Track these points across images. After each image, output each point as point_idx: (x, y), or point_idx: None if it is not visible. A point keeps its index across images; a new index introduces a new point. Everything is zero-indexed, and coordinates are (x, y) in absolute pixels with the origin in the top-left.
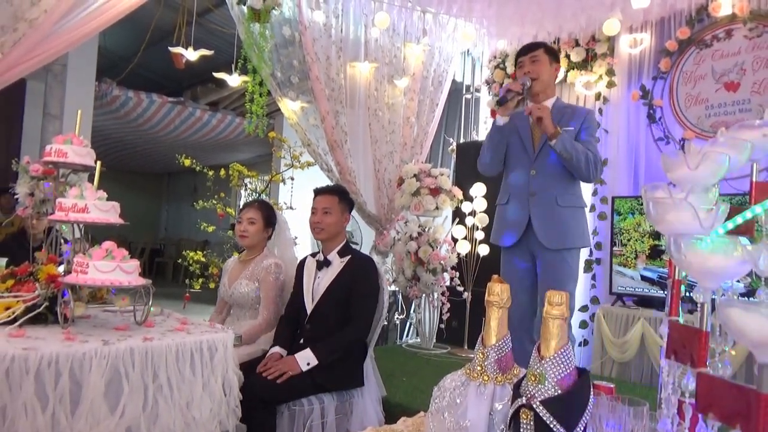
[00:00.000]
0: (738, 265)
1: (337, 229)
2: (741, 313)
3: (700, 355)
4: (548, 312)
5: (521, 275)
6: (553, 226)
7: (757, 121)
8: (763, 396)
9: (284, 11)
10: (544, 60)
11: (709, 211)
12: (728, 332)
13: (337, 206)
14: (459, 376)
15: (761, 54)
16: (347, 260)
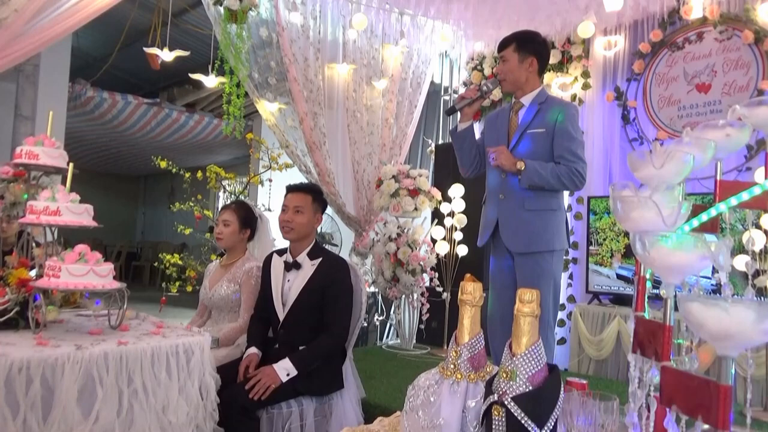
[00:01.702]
0: (699, 261)
1: (307, 230)
2: (701, 307)
3: (664, 349)
4: (519, 309)
5: (503, 274)
6: (518, 229)
7: (720, 121)
8: (722, 387)
9: (261, 12)
10: (512, 58)
11: (672, 209)
12: (689, 326)
13: (310, 205)
14: (433, 374)
15: (731, 56)
16: (319, 263)
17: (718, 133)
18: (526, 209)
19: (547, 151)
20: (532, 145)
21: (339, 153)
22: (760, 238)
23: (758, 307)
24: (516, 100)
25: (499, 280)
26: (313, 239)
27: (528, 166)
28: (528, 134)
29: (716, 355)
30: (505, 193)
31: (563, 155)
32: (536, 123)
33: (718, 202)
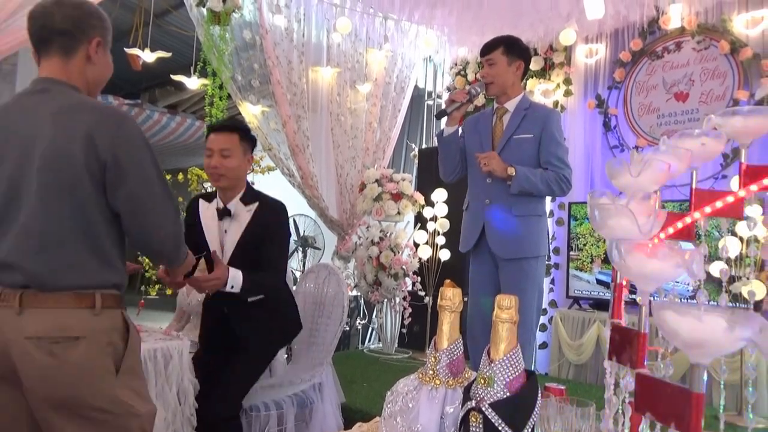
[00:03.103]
0: (673, 269)
1: (238, 174)
2: (674, 315)
3: (639, 356)
4: (498, 316)
5: (485, 280)
6: (506, 235)
7: (696, 130)
8: (694, 395)
9: (245, 14)
10: (501, 61)
11: (647, 217)
12: (663, 334)
13: (237, 146)
14: (412, 380)
15: (708, 66)
16: (255, 208)
17: (694, 142)
18: (513, 214)
19: (533, 157)
20: (518, 151)
21: (322, 156)
22: (735, 245)
23: (731, 315)
24: (499, 105)
25: (480, 286)
26: (244, 184)
27: (519, 172)
28: (514, 140)
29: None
30: (491, 198)
31: (550, 161)
32: (523, 129)
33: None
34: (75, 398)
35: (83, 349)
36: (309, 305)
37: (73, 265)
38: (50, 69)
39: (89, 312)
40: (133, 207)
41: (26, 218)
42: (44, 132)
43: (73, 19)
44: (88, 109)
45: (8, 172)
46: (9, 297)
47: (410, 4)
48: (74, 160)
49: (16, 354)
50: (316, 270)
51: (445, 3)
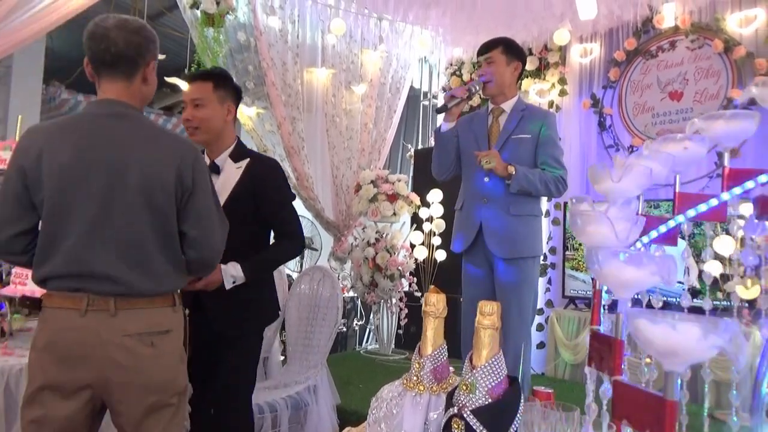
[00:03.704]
0: (648, 277)
1: (217, 126)
2: (647, 323)
3: (616, 364)
4: (479, 322)
5: (478, 282)
6: (504, 234)
7: (678, 134)
8: (668, 402)
9: (239, 16)
10: (500, 60)
11: (626, 224)
12: (637, 342)
13: (211, 95)
14: (396, 386)
15: (702, 65)
16: (246, 165)
17: (677, 146)
18: (511, 214)
19: (529, 157)
20: (516, 150)
21: (318, 158)
22: (730, 245)
23: (704, 323)
24: (495, 106)
25: (474, 287)
26: (233, 139)
27: (518, 171)
28: (512, 140)
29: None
30: (489, 197)
31: (547, 162)
32: (521, 129)
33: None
34: (168, 382)
35: (173, 339)
36: (304, 307)
37: (160, 274)
38: (116, 91)
39: (171, 309)
40: (198, 219)
41: (121, 234)
42: (138, 157)
43: (136, 46)
44: (174, 140)
45: (100, 192)
46: (100, 302)
47: (404, 5)
48: (167, 184)
49: (116, 352)
50: (311, 272)
51: (438, 4)
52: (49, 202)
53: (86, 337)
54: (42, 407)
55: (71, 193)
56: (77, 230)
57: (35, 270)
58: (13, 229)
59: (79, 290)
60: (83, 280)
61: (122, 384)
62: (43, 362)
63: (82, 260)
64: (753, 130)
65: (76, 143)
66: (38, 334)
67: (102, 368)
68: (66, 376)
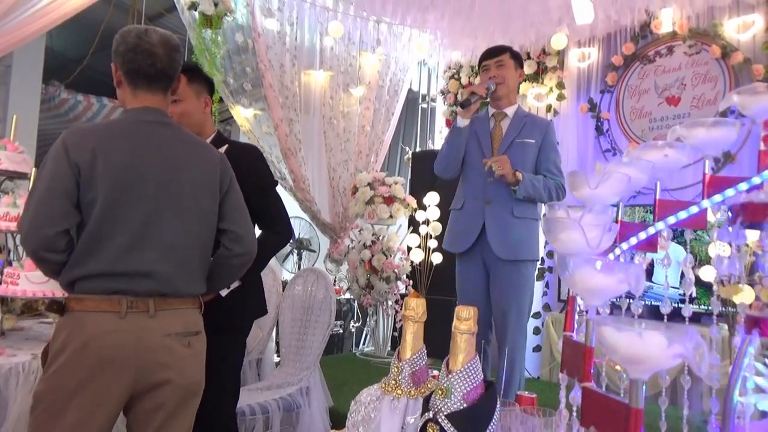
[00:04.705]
0: (617, 285)
1: (197, 119)
2: (613, 331)
3: (585, 371)
4: (456, 327)
5: (474, 283)
6: (507, 236)
7: (659, 142)
8: (633, 410)
9: (237, 18)
10: (510, 65)
11: (598, 232)
12: (603, 349)
13: (186, 89)
14: (375, 390)
15: (699, 70)
16: (225, 151)
17: (658, 153)
18: (514, 216)
19: (531, 162)
20: (520, 154)
21: (315, 159)
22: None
23: (669, 332)
24: (497, 110)
25: (470, 290)
26: (213, 129)
27: (525, 178)
28: (517, 143)
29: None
30: (492, 199)
31: (549, 169)
32: (525, 134)
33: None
34: (200, 382)
35: (202, 340)
36: (297, 309)
37: (196, 276)
38: (157, 101)
39: (198, 311)
40: (237, 215)
41: (170, 236)
42: (186, 163)
43: (176, 64)
44: (207, 146)
45: (155, 194)
46: (140, 304)
47: (402, 8)
48: (213, 186)
49: (158, 351)
50: (305, 274)
51: (436, 7)
52: (103, 201)
53: (127, 340)
54: (75, 412)
55: (126, 193)
56: (128, 230)
57: (70, 270)
58: (61, 225)
59: (118, 292)
60: (126, 280)
61: (165, 383)
62: (76, 367)
63: (130, 259)
64: (734, 138)
65: (132, 146)
66: (68, 339)
67: (144, 370)
68: (103, 381)
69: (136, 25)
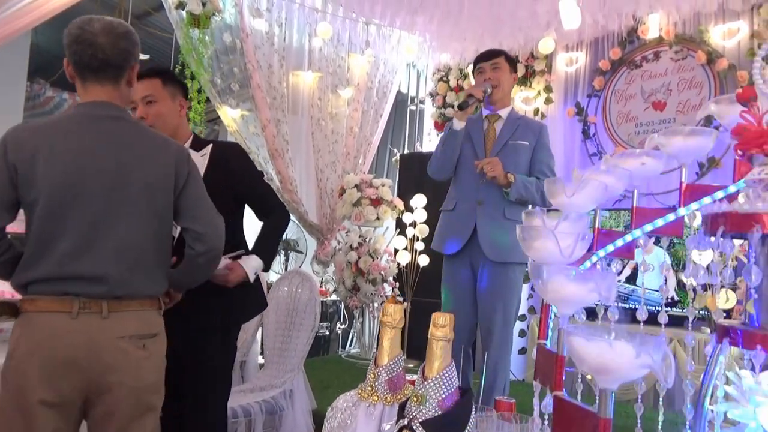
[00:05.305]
0: (588, 294)
1: (173, 121)
2: (582, 341)
3: (557, 379)
4: (432, 333)
5: (462, 285)
6: (499, 238)
7: (637, 150)
8: (602, 420)
9: (225, 18)
10: (505, 68)
11: (571, 240)
12: (573, 359)
13: (161, 91)
14: (351, 396)
15: (685, 76)
16: (209, 152)
17: (635, 161)
18: (506, 218)
19: (525, 164)
20: (514, 156)
21: (302, 161)
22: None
23: (638, 342)
24: (491, 112)
25: (457, 291)
26: (190, 133)
27: (517, 180)
28: (511, 144)
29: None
30: (485, 200)
31: (543, 171)
32: (519, 135)
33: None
34: (157, 384)
35: (160, 342)
36: (282, 311)
37: (153, 276)
38: (105, 93)
39: (157, 312)
40: (197, 210)
41: (122, 236)
42: (139, 159)
43: (123, 52)
44: (166, 139)
45: (103, 193)
46: (92, 305)
47: (391, 10)
48: (167, 182)
49: (110, 353)
50: (290, 276)
51: (425, 10)
52: (46, 202)
53: (78, 341)
54: (27, 417)
55: (71, 194)
56: (76, 231)
57: (21, 273)
58: None
59: (69, 294)
60: (75, 283)
61: (116, 386)
62: (27, 369)
63: (78, 262)
64: (710, 146)
65: (79, 143)
66: (20, 340)
67: (95, 372)
68: (56, 384)
69: (84, 16)
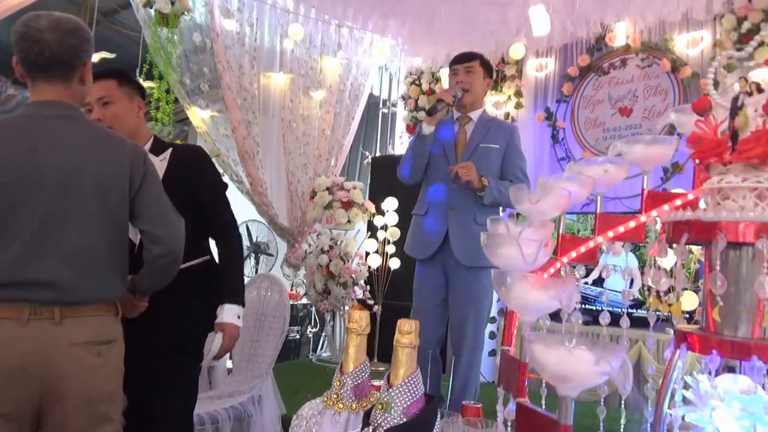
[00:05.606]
0: (550, 301)
1: (130, 123)
2: (543, 348)
3: (519, 386)
4: (398, 340)
5: (432, 290)
6: (470, 243)
7: (600, 158)
8: (562, 427)
9: (195, 17)
10: (479, 72)
11: (534, 248)
12: (534, 366)
13: (117, 92)
14: (317, 404)
15: (651, 83)
16: (169, 156)
17: (598, 169)
18: (477, 222)
19: (497, 167)
20: (485, 159)
21: (273, 163)
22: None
23: (598, 349)
24: (463, 114)
25: (429, 295)
26: (149, 135)
27: (491, 183)
28: (482, 147)
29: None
30: (456, 205)
31: (516, 173)
32: (490, 138)
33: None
34: (113, 393)
35: (116, 349)
36: (250, 316)
37: (108, 280)
38: (55, 92)
39: (115, 318)
40: (154, 212)
41: (74, 240)
42: (92, 159)
43: (71, 48)
44: (122, 140)
45: (53, 196)
46: (44, 311)
47: (363, 13)
48: (121, 184)
49: (63, 360)
50: (259, 280)
51: (397, 15)
52: None
53: (29, 348)
54: None
55: (18, 198)
56: (24, 236)
57: None
58: None
59: (18, 300)
60: (26, 289)
61: (69, 396)
62: None
63: (29, 268)
64: (671, 155)
65: (26, 145)
66: None
67: (47, 380)
68: (6, 393)
69: (33, 12)
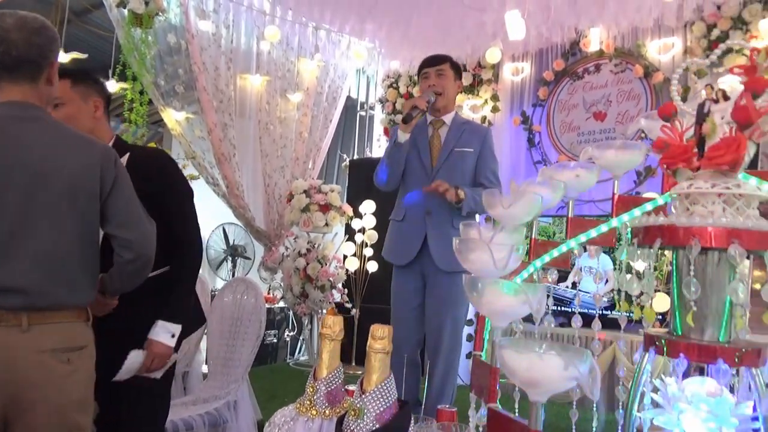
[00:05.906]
0: (521, 306)
1: (86, 124)
2: (513, 354)
3: (491, 391)
4: (371, 346)
5: (410, 295)
6: (448, 247)
7: (572, 163)
8: None
9: (170, 18)
10: (449, 75)
11: (505, 253)
12: (504, 371)
13: (70, 93)
14: (290, 410)
15: (624, 88)
16: (127, 159)
17: (569, 173)
18: (453, 227)
19: (471, 170)
20: (460, 163)
21: (249, 165)
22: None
23: (567, 354)
24: (436, 118)
25: (406, 299)
26: (110, 136)
27: (467, 195)
28: (456, 152)
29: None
30: (432, 210)
31: (488, 177)
32: (464, 142)
33: (568, 239)
34: (83, 401)
35: (87, 356)
36: (226, 320)
37: (77, 285)
38: (22, 93)
39: (85, 324)
40: (125, 215)
41: (41, 244)
42: (60, 161)
43: (38, 48)
44: (91, 141)
45: (20, 199)
46: (10, 317)
47: (341, 16)
48: (91, 186)
49: (30, 368)
50: (234, 284)
51: (374, 18)
52: None
53: None
54: None
55: None
56: None
57: None
58: None
59: None
60: None
61: (38, 404)
62: None
63: None
64: (641, 159)
65: None
66: None
67: (15, 388)
68: None
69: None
